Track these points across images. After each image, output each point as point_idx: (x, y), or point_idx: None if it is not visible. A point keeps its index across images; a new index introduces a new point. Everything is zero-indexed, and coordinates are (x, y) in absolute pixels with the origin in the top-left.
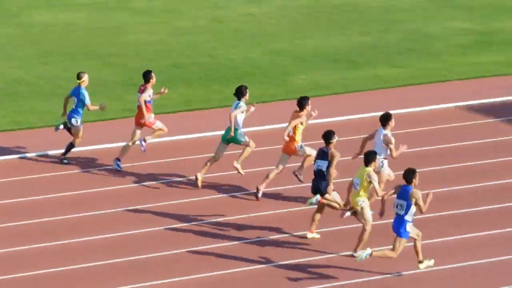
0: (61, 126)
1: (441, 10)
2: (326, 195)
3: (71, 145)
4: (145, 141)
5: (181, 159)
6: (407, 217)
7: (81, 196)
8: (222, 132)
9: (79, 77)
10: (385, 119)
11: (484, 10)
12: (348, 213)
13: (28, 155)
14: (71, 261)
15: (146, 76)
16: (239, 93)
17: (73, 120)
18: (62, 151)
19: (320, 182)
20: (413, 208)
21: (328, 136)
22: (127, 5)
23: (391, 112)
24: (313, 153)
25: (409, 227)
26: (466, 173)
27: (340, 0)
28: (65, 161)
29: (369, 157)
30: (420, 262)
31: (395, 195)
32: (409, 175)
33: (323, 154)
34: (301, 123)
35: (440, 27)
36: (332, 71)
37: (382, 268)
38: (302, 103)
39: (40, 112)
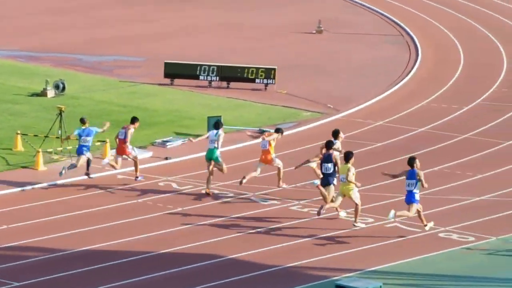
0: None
1: None
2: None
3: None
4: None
5: None
6: (415, 190)
7: None
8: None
9: (83, 121)
10: (335, 134)
11: None
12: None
13: None
14: None
15: (134, 120)
16: (218, 125)
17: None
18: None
19: (327, 179)
20: (419, 184)
21: (329, 144)
22: None
23: None
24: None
25: (417, 196)
26: None
27: None
28: (91, 176)
29: (349, 156)
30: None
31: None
32: (412, 161)
33: (328, 158)
34: (274, 140)
35: None
36: None
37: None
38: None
39: None
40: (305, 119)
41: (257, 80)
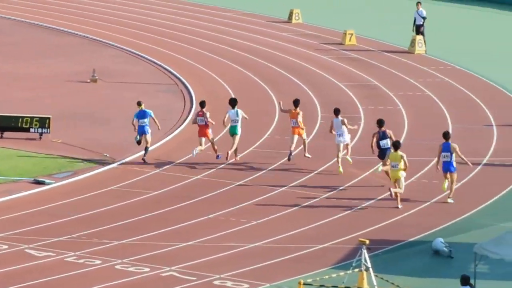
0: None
1: None
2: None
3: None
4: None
5: None
6: (452, 160)
7: None
8: None
9: (140, 103)
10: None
11: None
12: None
13: None
14: None
15: (203, 104)
16: (235, 103)
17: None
18: None
19: (385, 152)
20: (454, 155)
21: (381, 122)
22: None
23: None
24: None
25: (455, 164)
26: None
27: None
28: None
29: (399, 144)
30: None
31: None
32: (447, 135)
33: (384, 135)
34: (300, 116)
35: None
36: None
37: None
38: (296, 103)
39: None
40: (81, 168)
41: (31, 129)
